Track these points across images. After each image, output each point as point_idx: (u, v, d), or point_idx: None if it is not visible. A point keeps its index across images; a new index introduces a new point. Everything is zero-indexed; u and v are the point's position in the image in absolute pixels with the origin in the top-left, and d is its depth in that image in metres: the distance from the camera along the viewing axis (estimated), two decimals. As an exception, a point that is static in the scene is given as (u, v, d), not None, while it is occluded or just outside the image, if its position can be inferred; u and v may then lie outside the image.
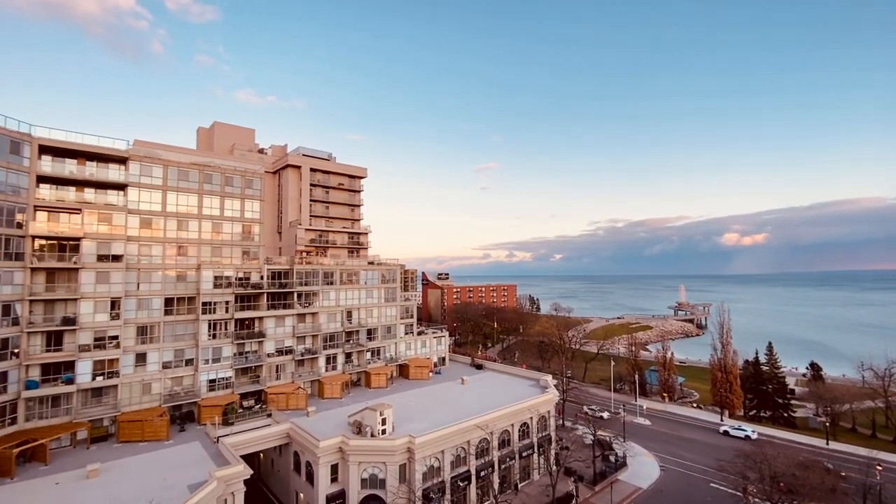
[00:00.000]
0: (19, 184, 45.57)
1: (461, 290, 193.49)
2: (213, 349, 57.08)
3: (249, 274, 61.52)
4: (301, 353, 64.25)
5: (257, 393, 59.69)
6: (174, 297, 55.80)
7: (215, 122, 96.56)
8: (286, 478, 50.96)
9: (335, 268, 70.85)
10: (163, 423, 48.29)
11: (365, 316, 73.12)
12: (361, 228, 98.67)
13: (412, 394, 63.97)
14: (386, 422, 47.57)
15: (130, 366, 51.49)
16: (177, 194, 57.51)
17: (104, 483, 38.25)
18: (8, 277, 43.87)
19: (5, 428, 43.24)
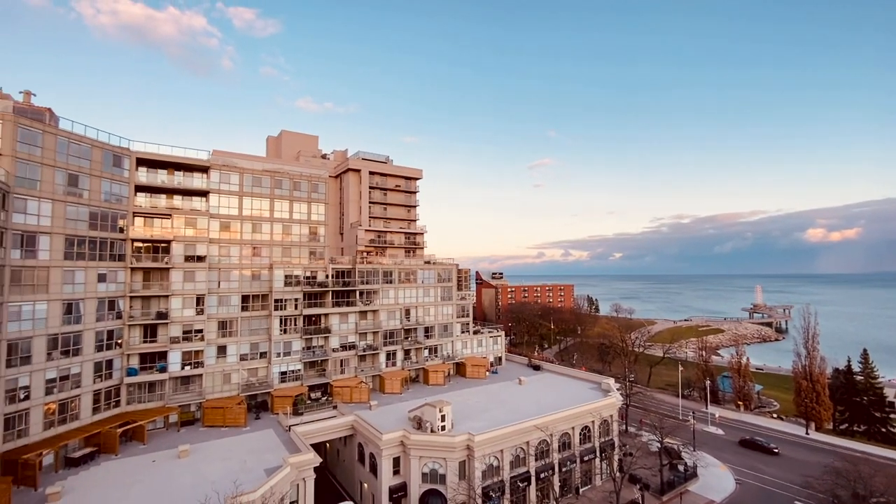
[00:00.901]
0: (121, 193, 51.34)
1: (515, 289, 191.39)
2: (284, 343, 60.94)
3: (316, 273, 64.97)
4: (363, 349, 66.87)
5: (323, 386, 62.91)
6: (250, 295, 60.25)
7: (283, 131, 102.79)
8: (351, 468, 53.30)
9: (394, 267, 72.96)
10: (241, 411, 52.34)
11: (422, 314, 74.62)
12: (417, 228, 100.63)
13: (469, 392, 64.39)
14: (445, 418, 48.32)
15: (213, 357, 56.31)
16: (251, 199, 62.03)
17: (193, 463, 42.15)
18: (112, 276, 49.57)
19: (111, 409, 48.91)
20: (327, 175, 73.83)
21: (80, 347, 45.38)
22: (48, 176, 43.25)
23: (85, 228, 46.58)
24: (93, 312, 46.83)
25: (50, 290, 42.64)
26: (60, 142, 44.57)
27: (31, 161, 41.95)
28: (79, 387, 45.08)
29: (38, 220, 42.16)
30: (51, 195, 43.30)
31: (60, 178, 44.35)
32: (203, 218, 57.24)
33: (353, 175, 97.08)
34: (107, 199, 49.31)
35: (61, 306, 43.62)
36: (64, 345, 43.81)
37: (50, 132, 43.72)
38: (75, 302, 45.10)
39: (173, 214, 55.46)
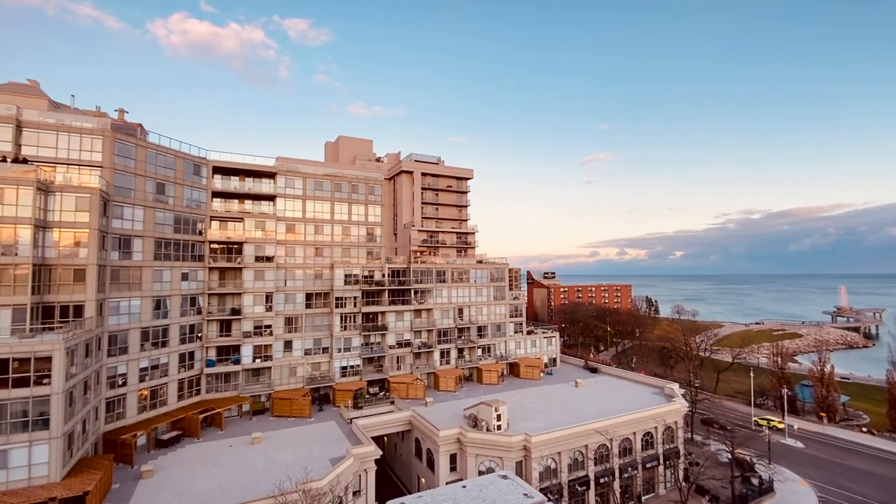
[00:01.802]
0: (200, 199, 56.01)
1: (569, 289, 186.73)
2: (345, 339, 63.66)
3: (373, 272, 67.27)
4: (418, 347, 68.34)
5: (381, 381, 65.00)
6: (313, 293, 63.55)
7: (340, 137, 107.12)
8: (408, 462, 54.72)
9: (446, 266, 73.90)
10: (306, 403, 55.33)
11: (475, 313, 74.96)
12: (468, 228, 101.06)
13: (524, 392, 63.90)
14: (501, 418, 48.37)
15: (280, 351, 59.97)
16: (313, 202, 65.37)
17: (265, 449, 45.18)
18: (193, 275, 54.21)
19: (193, 397, 53.49)
20: (383, 178, 76.10)
21: (167, 340, 50.11)
22: (140, 185, 48.13)
23: (170, 232, 51.36)
24: (177, 308, 51.52)
25: (142, 288, 47.46)
26: (150, 154, 49.43)
27: (126, 172, 46.88)
28: (166, 375, 49.79)
29: (132, 224, 47.05)
30: (142, 202, 48.16)
31: (150, 187, 49.20)
32: (271, 221, 61.13)
33: (405, 177, 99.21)
34: (188, 205, 54.02)
35: (152, 302, 48.41)
36: (154, 337, 48.58)
37: (141, 145, 48.63)
38: (163, 298, 49.88)
39: (245, 218, 59.69)
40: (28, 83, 49.85)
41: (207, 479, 38.69)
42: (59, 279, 39.41)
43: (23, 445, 32.41)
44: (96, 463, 37.45)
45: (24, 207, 36.90)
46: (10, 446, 32.11)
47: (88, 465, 36.82)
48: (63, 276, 39.58)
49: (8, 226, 36.44)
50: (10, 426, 32.16)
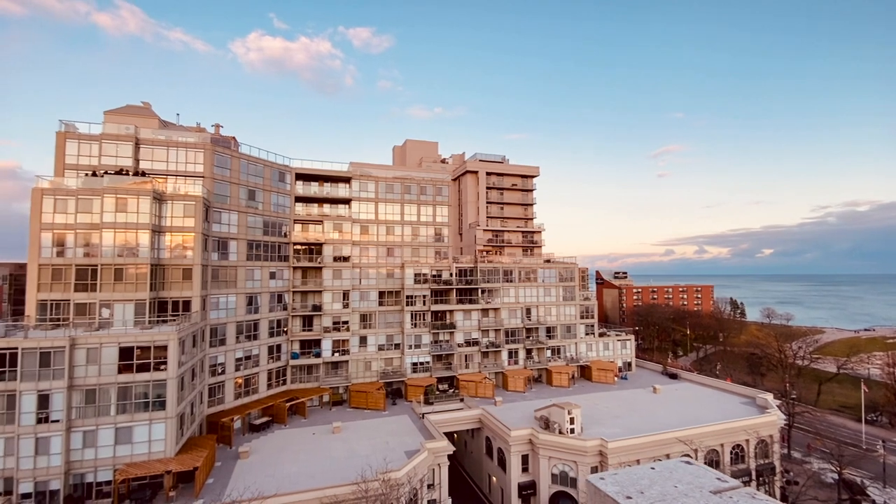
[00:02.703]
0: (285, 203, 60.51)
1: (642, 290, 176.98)
2: (415, 336, 65.55)
3: (441, 272, 68.57)
4: (486, 346, 68.56)
5: (450, 379, 66.08)
6: (385, 291, 66.15)
7: (407, 140, 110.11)
8: (479, 459, 55.13)
9: (514, 266, 73.35)
10: (381, 396, 57.73)
11: (544, 314, 73.64)
12: (535, 227, 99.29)
13: (597, 397, 61.72)
14: (574, 421, 47.18)
15: (356, 346, 63.15)
16: (385, 204, 68.04)
17: (345, 438, 47.83)
18: (280, 274, 58.70)
19: (279, 386, 57.91)
20: (450, 179, 77.24)
21: (258, 333, 54.75)
22: (234, 192, 53.03)
23: (260, 234, 56.05)
24: (266, 304, 56.10)
25: (237, 286, 52.28)
26: (243, 164, 54.29)
27: (223, 180, 51.87)
28: (257, 366, 54.41)
29: (228, 228, 51.97)
30: (237, 207, 53.03)
31: (243, 194, 54.03)
32: (347, 223, 64.55)
33: (470, 177, 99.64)
34: (275, 210, 58.60)
35: (245, 299, 53.16)
36: (247, 330, 53.33)
37: (235, 156, 53.56)
38: (254, 295, 54.56)
39: (323, 220, 63.58)
40: (142, 105, 56.70)
41: (295, 463, 41.76)
42: (171, 277, 44.62)
43: (144, 423, 37.09)
44: (202, 442, 41.93)
45: (143, 214, 42.20)
46: (134, 423, 36.89)
47: (196, 443, 41.32)
48: (174, 275, 44.76)
49: (131, 231, 41.88)
50: (134, 406, 36.97)
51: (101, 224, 40.96)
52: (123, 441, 36.32)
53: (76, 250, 41.24)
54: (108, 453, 35.90)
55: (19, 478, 33.82)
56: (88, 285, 40.88)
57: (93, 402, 35.80)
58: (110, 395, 36.21)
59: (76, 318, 40.67)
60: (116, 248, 41.23)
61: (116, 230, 41.23)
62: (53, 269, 40.94)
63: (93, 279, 40.92)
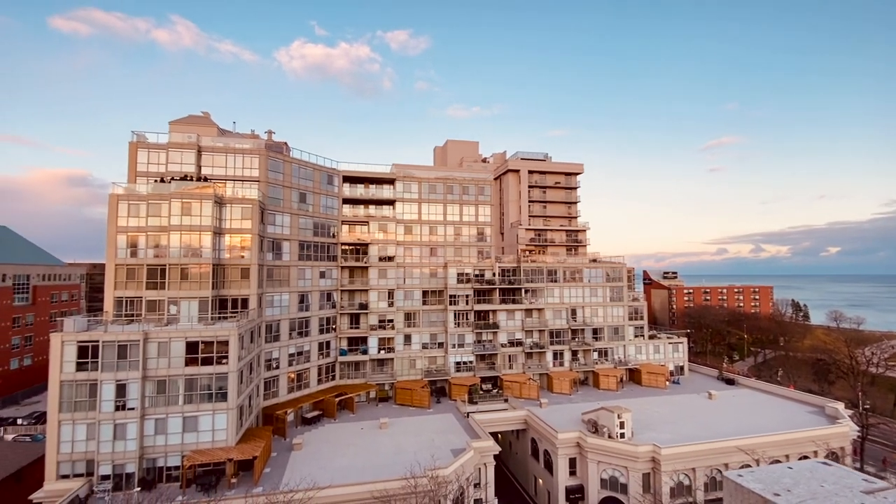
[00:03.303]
0: (333, 205, 62.51)
1: (694, 290, 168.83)
2: (458, 335, 65.84)
3: (484, 271, 68.47)
4: (530, 347, 67.78)
5: (493, 379, 65.86)
6: (428, 290, 66.90)
7: (448, 141, 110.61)
8: (524, 461, 54.65)
9: (558, 265, 72.06)
10: (425, 394, 58.45)
11: (590, 315, 71.86)
12: (579, 225, 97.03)
13: (648, 401, 59.54)
14: (624, 425, 45.82)
15: (401, 344, 64.25)
16: (428, 205, 68.82)
17: (391, 434, 48.80)
18: (329, 273, 60.72)
19: (329, 382, 59.88)
20: (492, 178, 76.96)
21: (309, 330, 56.89)
22: (287, 195, 55.36)
23: (310, 235, 58.22)
24: (316, 302, 58.20)
25: (290, 284, 54.57)
26: (294, 168, 56.59)
27: (276, 184, 54.28)
28: (308, 361, 56.56)
29: (281, 229, 54.33)
30: (289, 210, 55.35)
31: (295, 196, 56.32)
32: (391, 223, 65.84)
33: (512, 175, 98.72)
34: (324, 211, 60.69)
35: (297, 297, 55.39)
36: (299, 327, 55.54)
37: (287, 161, 55.91)
38: (305, 293, 56.75)
39: (369, 221, 65.16)
40: (201, 114, 60.22)
41: (346, 457, 43.08)
42: (230, 276, 47.22)
43: (208, 413, 39.48)
44: (259, 433, 44.10)
45: (206, 217, 44.92)
46: (200, 413, 39.33)
47: (254, 434, 43.52)
48: (233, 274, 47.34)
49: (195, 233, 44.69)
50: (199, 397, 39.42)
51: (168, 227, 44.02)
52: (190, 429, 38.84)
53: (147, 251, 44.49)
54: (177, 440, 38.50)
55: (99, 460, 36.91)
56: (158, 283, 44.00)
57: (163, 392, 38.52)
58: (178, 385, 38.83)
59: (147, 313, 43.89)
60: (182, 249, 44.18)
61: (182, 232, 44.16)
62: (128, 269, 44.35)
63: (161, 278, 44.01)
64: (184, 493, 36.01)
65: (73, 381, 37.06)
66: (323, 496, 33.78)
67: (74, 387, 37.09)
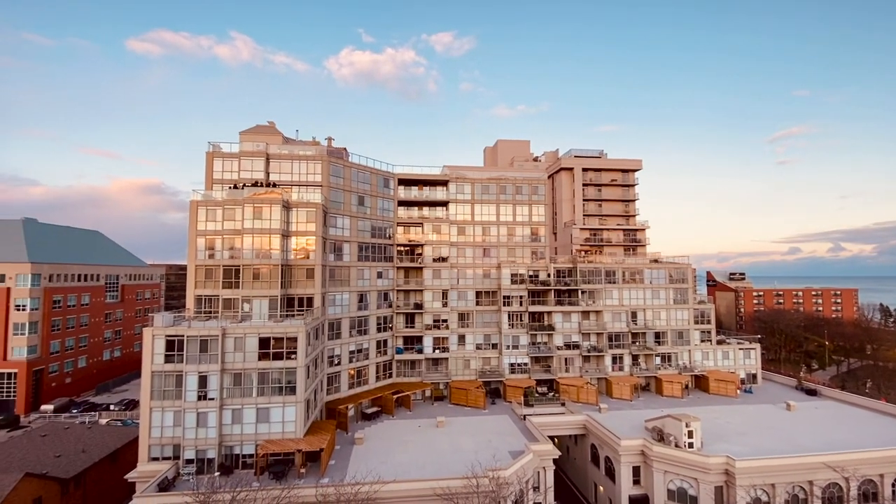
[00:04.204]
0: (389, 208, 64.19)
1: (765, 293, 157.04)
2: (512, 337, 65.35)
3: (538, 272, 67.52)
4: (587, 350, 65.98)
5: (549, 382, 64.71)
6: (482, 291, 66.98)
7: (498, 140, 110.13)
8: (583, 467, 53.28)
9: (616, 266, 69.58)
10: (480, 395, 58.51)
11: (651, 317, 68.79)
12: (637, 224, 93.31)
13: (717, 410, 56.11)
14: (693, 434, 43.48)
15: (455, 344, 64.78)
16: (481, 205, 68.93)
17: (448, 433, 49.28)
18: (385, 273, 62.40)
19: (386, 379, 61.45)
20: (546, 177, 75.76)
21: (368, 328, 58.74)
22: (347, 199, 57.53)
23: (368, 237, 60.14)
24: (374, 302, 60.01)
25: (350, 284, 56.66)
26: (353, 172, 58.71)
27: (337, 188, 56.54)
28: (367, 359, 58.38)
29: (342, 231, 56.53)
30: (348, 213, 57.48)
31: (354, 200, 58.42)
32: (445, 224, 66.55)
33: (565, 174, 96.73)
34: (380, 213, 62.48)
35: (357, 296, 57.40)
36: (358, 326, 57.49)
37: (347, 165, 58.08)
38: (364, 293, 58.68)
39: (423, 222, 66.26)
40: (267, 124, 63.82)
41: (405, 453, 44.02)
42: (296, 276, 49.78)
43: (278, 405, 41.77)
44: (324, 426, 46.12)
45: (275, 221, 47.66)
46: (271, 405, 41.70)
47: (319, 427, 45.57)
48: (298, 274, 49.88)
49: (265, 235, 47.54)
50: (270, 389, 41.82)
51: (242, 230, 47.16)
52: (262, 420, 41.29)
53: (223, 252, 47.88)
54: (251, 430, 41.05)
55: (184, 445, 40.15)
56: (233, 283, 47.24)
57: (239, 385, 41.25)
58: (252, 379, 41.42)
59: (223, 311, 47.21)
60: (254, 251, 47.16)
61: (254, 235, 47.14)
62: (206, 269, 47.97)
63: (236, 277, 47.21)
64: (258, 480, 38.34)
65: (162, 371, 40.57)
66: (388, 490, 34.76)
67: (163, 377, 40.59)
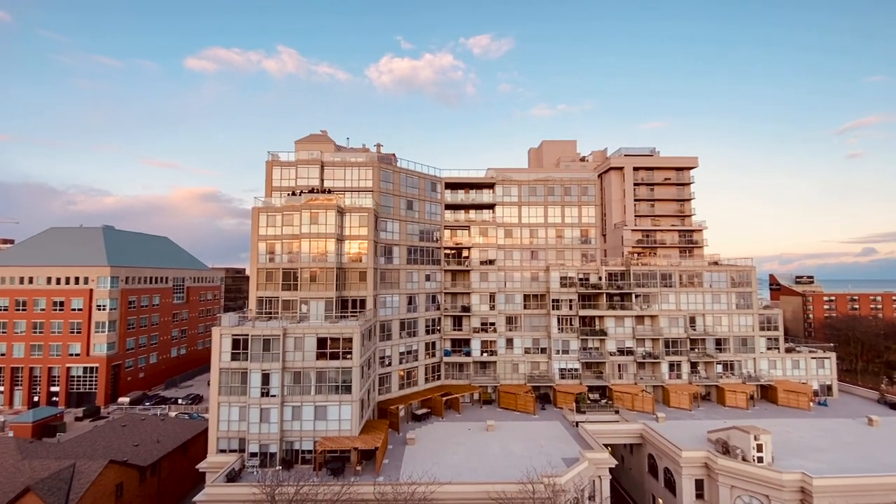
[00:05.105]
0: (436, 211, 64.92)
1: (837, 297, 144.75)
2: (562, 341, 64.04)
3: (588, 275, 65.85)
4: (642, 356, 63.49)
5: (601, 388, 62.80)
6: (530, 294, 66.19)
7: (543, 141, 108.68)
8: (639, 478, 51.29)
9: (673, 269, 66.57)
10: (530, 399, 57.74)
11: (712, 323, 65.23)
12: (694, 225, 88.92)
13: (788, 423, 52.27)
14: (763, 448, 40.74)
15: (503, 347, 64.38)
16: (528, 207, 68.26)
17: (499, 437, 48.96)
18: (433, 276, 63.09)
19: (434, 381, 62.02)
20: (596, 177, 73.85)
21: (416, 330, 59.60)
22: (396, 203, 58.77)
23: (416, 240, 61.10)
24: (423, 304, 60.81)
25: (400, 287, 57.74)
26: (402, 177, 59.95)
27: (387, 193, 57.89)
28: (416, 360, 59.22)
29: (391, 235, 57.79)
30: (398, 217, 58.69)
31: (403, 204, 59.59)
32: (492, 227, 66.42)
33: (614, 173, 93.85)
34: (428, 217, 63.31)
35: (406, 298, 58.42)
36: (408, 327, 58.46)
37: (396, 171, 59.36)
38: (413, 295, 59.62)
39: (470, 225, 66.47)
40: (320, 133, 66.31)
41: (456, 455, 44.18)
42: (349, 279, 51.38)
43: (335, 404, 43.20)
44: (378, 425, 47.15)
45: (330, 226, 49.47)
46: (328, 403, 43.19)
47: (373, 426, 46.66)
48: (351, 277, 51.46)
49: (321, 239, 49.44)
50: (327, 388, 43.32)
51: (300, 234, 49.32)
52: (320, 417, 42.87)
53: (282, 256, 50.28)
54: (310, 427, 42.72)
55: (249, 439, 42.37)
56: (291, 285, 49.47)
57: (298, 383, 43.06)
58: (310, 377, 43.13)
59: (282, 311, 49.49)
60: (311, 254, 49.17)
61: (311, 239, 49.18)
62: (266, 272, 50.53)
63: (294, 280, 49.40)
64: (317, 476, 39.77)
65: (228, 368, 43.11)
66: (443, 492, 35.03)
67: (230, 374, 43.11)
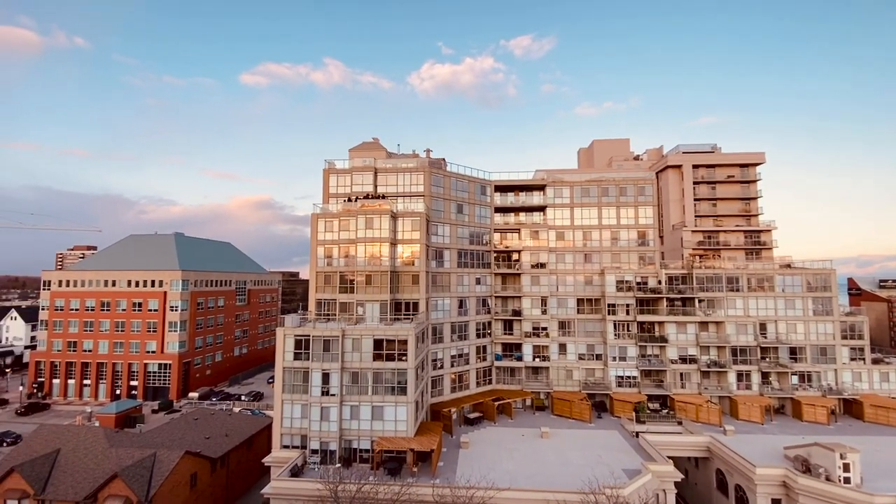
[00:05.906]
0: (485, 214, 64.76)
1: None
2: (619, 348, 61.72)
3: (647, 278, 63.13)
4: (706, 365, 59.90)
5: (662, 398, 59.83)
6: (583, 298, 64.40)
7: (594, 141, 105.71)
8: (707, 494, 48.33)
9: (740, 272, 62.41)
10: (586, 407, 56.04)
11: (785, 330, 60.48)
12: (761, 225, 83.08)
13: (878, 441, 47.45)
14: (850, 468, 37.22)
15: (556, 353, 62.99)
16: (581, 209, 66.54)
17: (554, 445, 47.86)
18: (483, 280, 62.91)
19: (486, 385, 61.67)
20: (652, 176, 70.79)
21: (467, 334, 59.62)
22: (446, 207, 59.21)
23: (467, 244, 61.21)
24: (473, 307, 60.77)
25: (451, 290, 58.06)
26: (452, 181, 60.33)
27: (438, 197, 58.46)
28: (467, 364, 59.20)
29: (442, 239, 58.25)
30: (448, 221, 59.09)
31: (453, 208, 59.95)
32: (543, 230, 65.31)
33: (672, 172, 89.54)
34: (478, 220, 63.27)
35: (457, 302, 58.65)
36: (459, 331, 58.63)
37: (446, 175, 59.85)
38: (464, 299, 59.74)
39: (520, 228, 65.71)
40: (372, 140, 68.16)
41: (512, 461, 43.64)
42: (403, 282, 52.28)
43: (391, 404, 43.99)
44: (432, 427, 47.52)
45: (384, 230, 50.66)
46: (384, 404, 44.05)
47: (427, 428, 47.07)
48: (405, 280, 52.34)
49: (376, 244, 50.73)
50: (383, 389, 44.20)
51: (356, 239, 50.89)
52: (377, 418, 43.82)
53: (339, 260, 52.07)
54: (367, 426, 43.76)
55: (310, 436, 44.01)
56: (348, 288, 51.08)
57: (356, 383, 44.29)
58: (368, 378, 44.22)
59: (340, 314, 51.16)
60: (366, 258, 50.56)
61: (366, 243, 50.59)
62: (325, 275, 52.49)
63: (350, 283, 50.99)
64: (374, 475, 40.63)
65: (292, 367, 45.09)
66: (502, 497, 34.70)
67: (293, 373, 45.07)
